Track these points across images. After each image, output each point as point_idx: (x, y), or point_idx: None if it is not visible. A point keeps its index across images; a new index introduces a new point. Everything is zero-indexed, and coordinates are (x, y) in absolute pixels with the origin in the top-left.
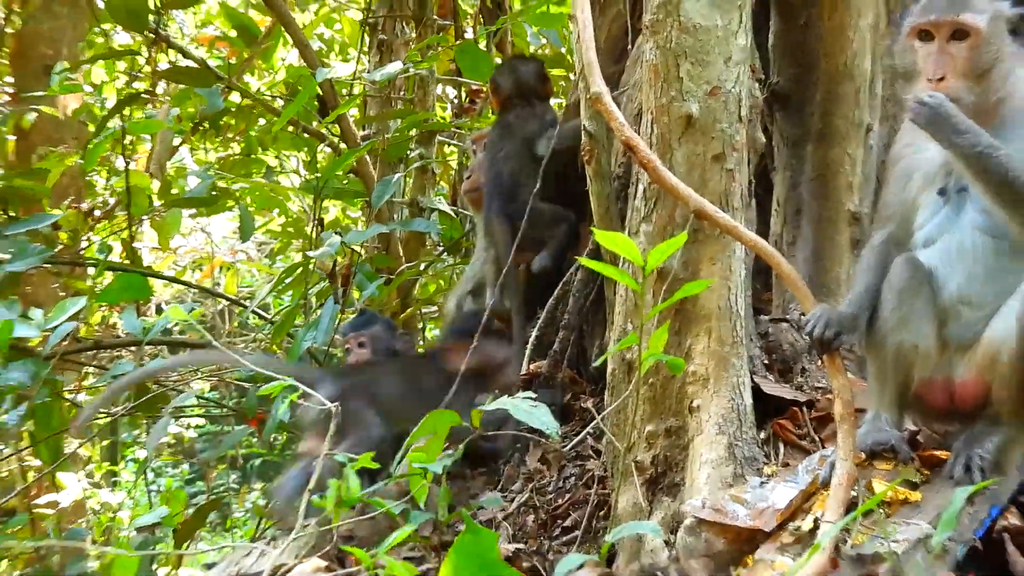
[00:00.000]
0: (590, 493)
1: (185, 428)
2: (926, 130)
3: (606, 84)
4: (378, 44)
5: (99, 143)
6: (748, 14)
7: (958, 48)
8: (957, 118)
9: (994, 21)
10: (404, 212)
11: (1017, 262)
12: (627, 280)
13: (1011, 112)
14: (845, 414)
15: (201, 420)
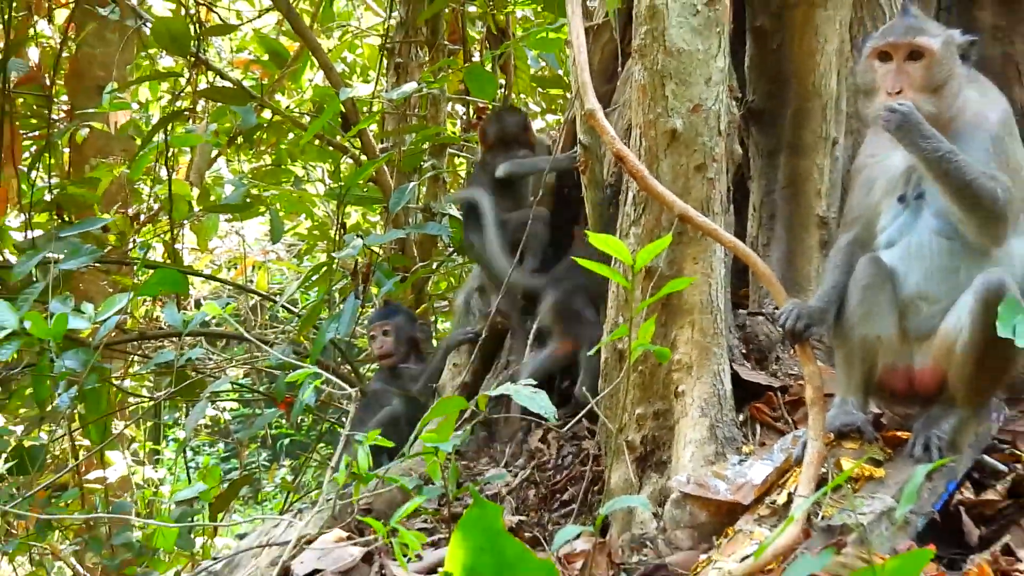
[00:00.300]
0: (585, 470)
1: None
2: (895, 135)
3: (599, 102)
4: (395, 66)
5: (144, 155)
6: (726, 39)
7: (914, 67)
8: (923, 125)
9: (946, 44)
10: (418, 217)
11: (968, 261)
12: (618, 278)
13: (962, 126)
14: (815, 398)
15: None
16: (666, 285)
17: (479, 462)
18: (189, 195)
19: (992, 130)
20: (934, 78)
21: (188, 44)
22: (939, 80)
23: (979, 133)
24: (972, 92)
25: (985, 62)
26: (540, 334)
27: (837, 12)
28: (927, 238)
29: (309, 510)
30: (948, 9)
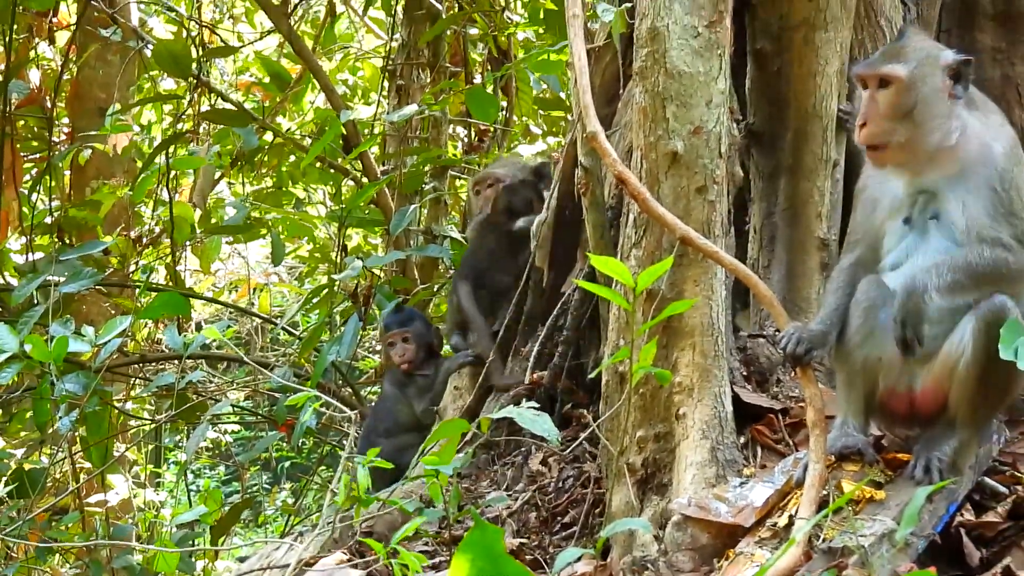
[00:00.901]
0: (587, 492)
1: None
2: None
3: (600, 124)
4: (396, 88)
5: (146, 177)
6: (727, 62)
7: (883, 95)
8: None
9: (920, 68)
10: (419, 239)
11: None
12: (619, 300)
13: (968, 161)
14: (816, 421)
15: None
16: (667, 307)
17: (480, 484)
18: (191, 217)
19: (999, 163)
20: (902, 106)
21: (190, 66)
22: (908, 107)
23: (985, 170)
24: (974, 119)
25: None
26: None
27: (837, 34)
28: (932, 261)
29: (310, 533)
30: (948, 31)
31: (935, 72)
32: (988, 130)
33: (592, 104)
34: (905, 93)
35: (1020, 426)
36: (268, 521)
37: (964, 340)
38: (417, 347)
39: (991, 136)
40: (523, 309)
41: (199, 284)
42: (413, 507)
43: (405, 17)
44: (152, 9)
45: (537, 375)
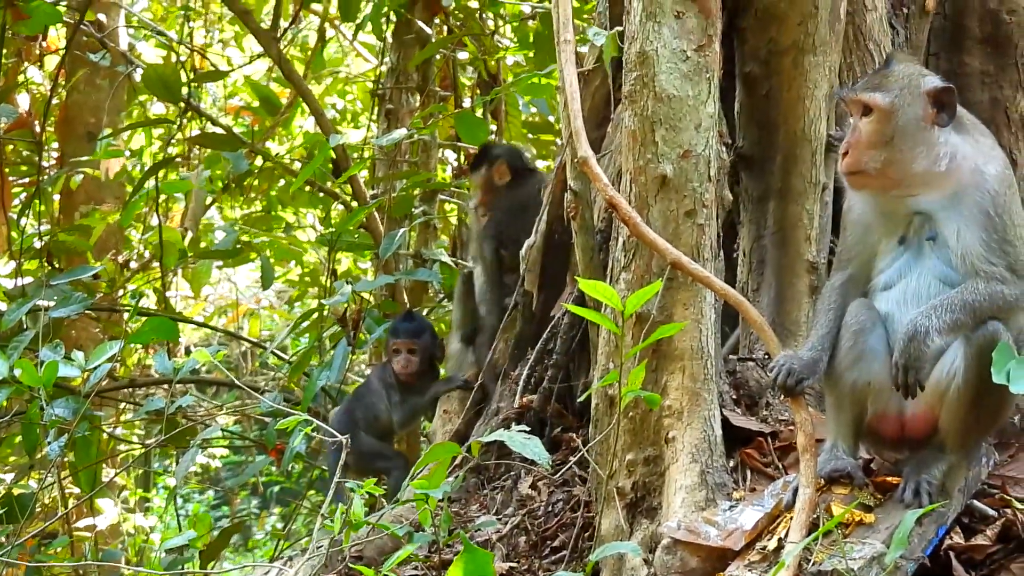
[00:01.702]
0: (576, 516)
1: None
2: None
3: (590, 148)
4: (386, 113)
5: (136, 202)
6: (716, 85)
7: (864, 123)
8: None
9: (901, 97)
10: (409, 263)
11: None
12: (609, 324)
13: (961, 186)
14: (806, 445)
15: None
16: (656, 331)
17: (470, 508)
18: (180, 242)
19: (992, 187)
20: (884, 133)
21: (179, 91)
22: (889, 135)
23: (978, 194)
24: (965, 143)
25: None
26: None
27: (826, 58)
28: (927, 282)
29: (300, 557)
30: (936, 54)
31: (917, 100)
32: (980, 154)
33: (583, 129)
34: (886, 121)
35: (1009, 449)
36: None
37: (955, 365)
38: (421, 359)
39: (983, 160)
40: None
41: (189, 309)
42: (403, 531)
43: (394, 41)
44: (141, 34)
45: (527, 399)
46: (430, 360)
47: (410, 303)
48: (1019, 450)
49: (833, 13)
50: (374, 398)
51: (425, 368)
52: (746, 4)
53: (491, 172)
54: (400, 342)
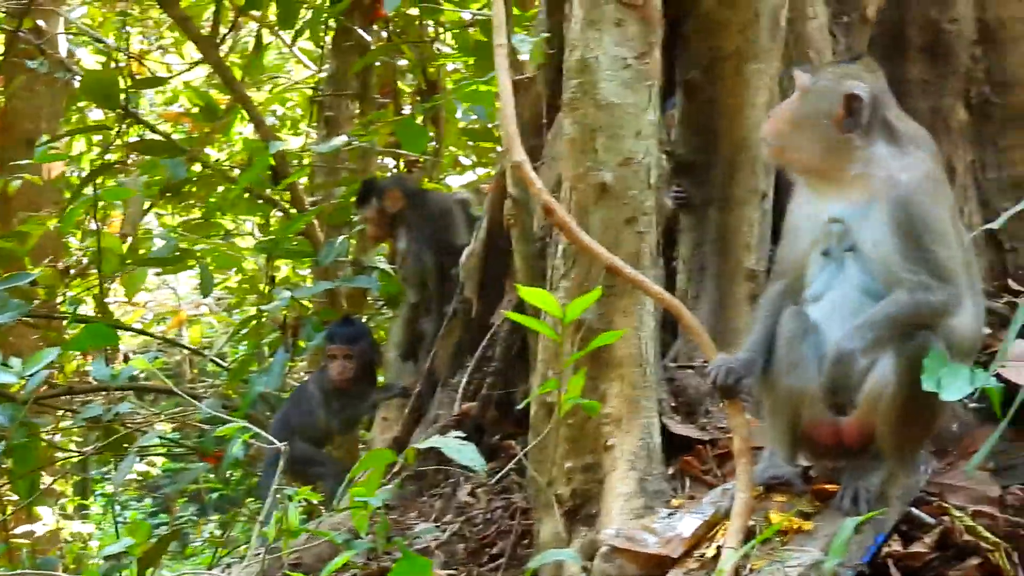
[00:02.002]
0: (515, 524)
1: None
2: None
3: (529, 156)
4: (325, 119)
5: (74, 208)
6: (656, 93)
7: (791, 97)
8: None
9: (822, 86)
10: (348, 270)
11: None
12: (548, 331)
13: (874, 190)
14: (742, 450)
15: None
16: (596, 338)
17: (408, 515)
18: (119, 249)
19: (904, 196)
20: (795, 114)
21: (118, 97)
22: (798, 118)
23: (890, 202)
24: (887, 152)
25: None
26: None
27: (768, 66)
28: (851, 294)
29: (238, 565)
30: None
31: (834, 97)
32: (900, 164)
33: (518, 134)
34: (800, 103)
35: (947, 457)
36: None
37: (886, 375)
38: (358, 366)
39: (900, 168)
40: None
41: (128, 316)
42: (341, 539)
43: (334, 48)
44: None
45: (466, 406)
46: (368, 366)
47: (349, 310)
48: (957, 458)
49: (774, 21)
50: (311, 404)
51: (362, 374)
52: (687, 11)
53: (383, 202)
54: (336, 348)
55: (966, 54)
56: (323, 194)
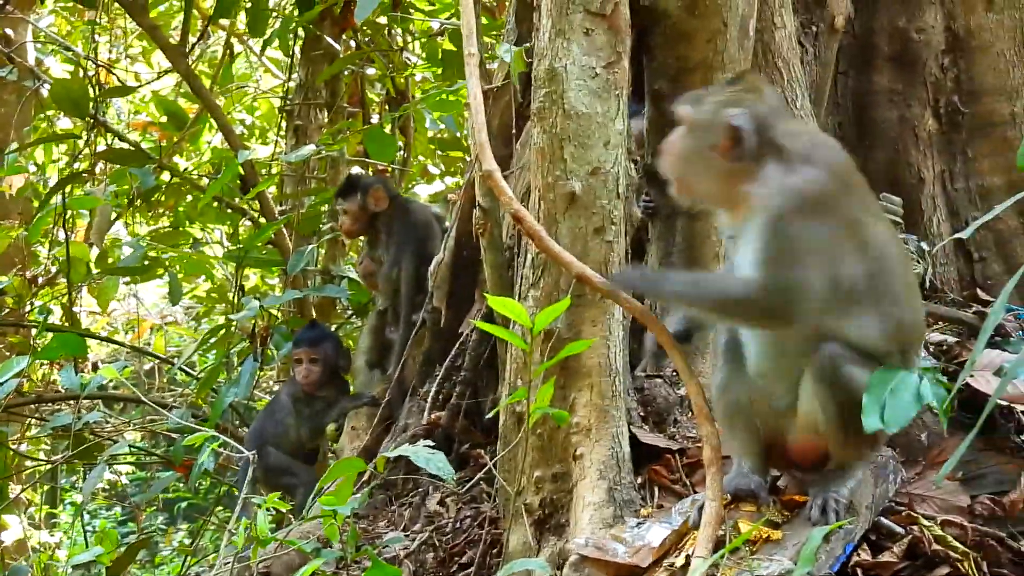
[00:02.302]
0: (484, 533)
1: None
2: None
3: (498, 165)
4: (294, 129)
5: (42, 217)
6: (625, 102)
7: (677, 130)
8: (642, 274)
9: (705, 120)
10: (317, 279)
11: (787, 340)
12: (517, 341)
13: (750, 214)
14: (712, 459)
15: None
16: (565, 348)
17: (377, 524)
18: (87, 257)
19: (777, 212)
20: (682, 148)
21: (86, 106)
22: (685, 151)
23: (763, 219)
24: (777, 173)
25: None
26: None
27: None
28: None
29: (207, 573)
30: (845, 72)
31: (716, 128)
32: (781, 182)
33: (488, 143)
34: (686, 137)
35: (917, 466)
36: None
37: (811, 399)
38: (323, 370)
39: (778, 188)
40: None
41: (95, 324)
42: (311, 547)
43: (303, 57)
44: (49, 48)
45: (435, 415)
46: (334, 372)
47: (318, 319)
48: (926, 467)
49: (742, 31)
50: (283, 413)
51: (328, 379)
52: (655, 21)
53: (366, 199)
54: (301, 351)
55: (935, 63)
56: (292, 203)
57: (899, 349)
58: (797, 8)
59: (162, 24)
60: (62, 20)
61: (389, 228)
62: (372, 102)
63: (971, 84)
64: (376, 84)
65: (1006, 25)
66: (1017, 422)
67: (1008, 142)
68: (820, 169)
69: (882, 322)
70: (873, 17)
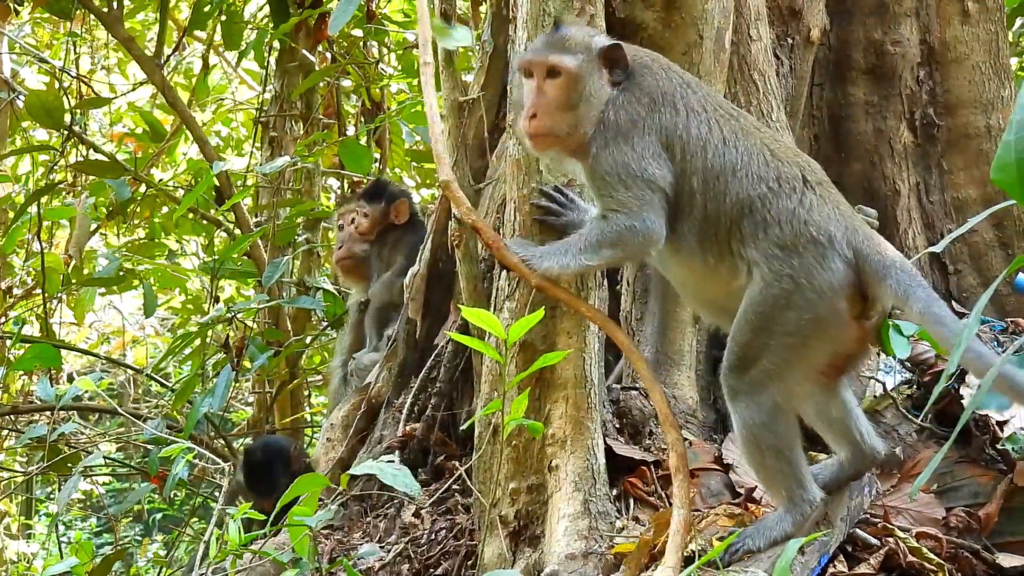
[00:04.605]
0: (459, 544)
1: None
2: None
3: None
4: (269, 140)
5: (18, 228)
6: None
7: (551, 86)
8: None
9: (587, 63)
10: (292, 290)
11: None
12: (492, 352)
13: (601, 135)
14: (679, 466)
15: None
16: (539, 359)
17: (352, 536)
18: (62, 269)
19: (613, 132)
20: (571, 97)
21: (62, 117)
22: (576, 99)
23: (605, 138)
24: (620, 97)
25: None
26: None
27: (711, 86)
28: None
29: None
30: (821, 85)
31: (594, 61)
32: (617, 104)
33: (445, 152)
34: (574, 84)
35: (891, 479)
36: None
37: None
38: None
39: (617, 108)
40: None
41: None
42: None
43: (278, 69)
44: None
45: (410, 427)
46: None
47: (293, 331)
48: (902, 479)
49: (718, 43)
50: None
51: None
52: (631, 33)
53: (390, 208)
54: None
55: (910, 76)
56: (267, 215)
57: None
58: (773, 20)
59: (137, 35)
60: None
61: (399, 240)
62: (348, 114)
63: (946, 97)
64: (351, 96)
65: (981, 38)
66: (992, 434)
67: (983, 154)
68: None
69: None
70: (849, 29)
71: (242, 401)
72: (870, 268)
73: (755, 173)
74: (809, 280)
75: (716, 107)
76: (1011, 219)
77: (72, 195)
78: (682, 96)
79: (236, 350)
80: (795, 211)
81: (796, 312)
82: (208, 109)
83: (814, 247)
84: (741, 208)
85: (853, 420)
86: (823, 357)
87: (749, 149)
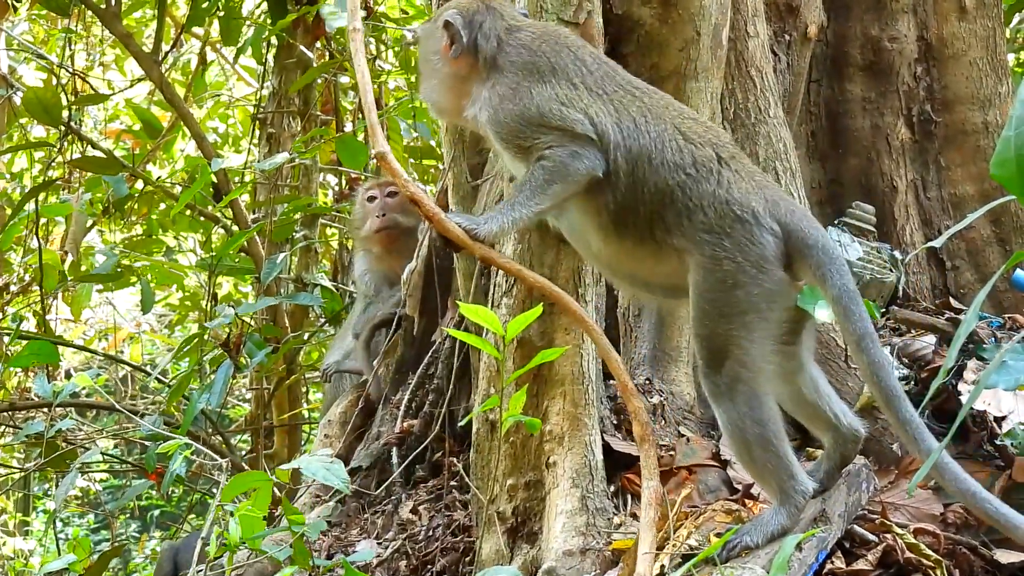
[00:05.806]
0: (457, 541)
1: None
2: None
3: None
4: (267, 136)
5: (15, 224)
6: None
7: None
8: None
9: (432, 24)
10: (290, 287)
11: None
12: (489, 349)
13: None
14: (644, 435)
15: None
16: (537, 356)
17: (350, 532)
18: (59, 265)
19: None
20: (421, 66)
21: (59, 114)
22: (425, 67)
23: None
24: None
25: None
26: None
27: (708, 84)
28: None
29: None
30: (818, 81)
31: (438, 30)
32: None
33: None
34: (421, 46)
35: (889, 475)
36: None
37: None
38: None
39: (519, 48)
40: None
41: (69, 332)
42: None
43: (276, 65)
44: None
45: (408, 423)
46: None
47: (291, 327)
48: (899, 476)
49: (715, 39)
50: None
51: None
52: (629, 30)
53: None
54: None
55: (908, 72)
56: (265, 211)
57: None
58: (770, 17)
59: (135, 32)
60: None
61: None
62: (345, 110)
63: (944, 93)
64: (349, 92)
65: (979, 34)
66: (990, 430)
67: (981, 151)
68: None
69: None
70: (846, 26)
71: (240, 397)
72: (793, 242)
73: (670, 161)
74: (745, 257)
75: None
76: (1008, 215)
77: (69, 191)
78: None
79: (234, 347)
80: (715, 193)
81: (743, 290)
82: (205, 105)
83: (740, 225)
84: (662, 198)
85: (825, 400)
86: (779, 325)
87: (661, 135)
